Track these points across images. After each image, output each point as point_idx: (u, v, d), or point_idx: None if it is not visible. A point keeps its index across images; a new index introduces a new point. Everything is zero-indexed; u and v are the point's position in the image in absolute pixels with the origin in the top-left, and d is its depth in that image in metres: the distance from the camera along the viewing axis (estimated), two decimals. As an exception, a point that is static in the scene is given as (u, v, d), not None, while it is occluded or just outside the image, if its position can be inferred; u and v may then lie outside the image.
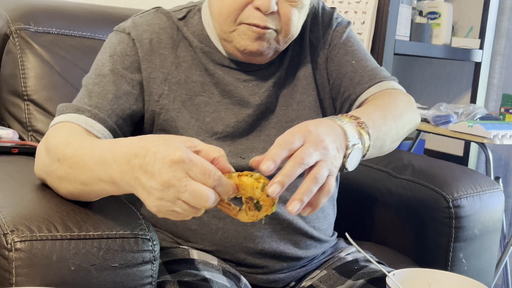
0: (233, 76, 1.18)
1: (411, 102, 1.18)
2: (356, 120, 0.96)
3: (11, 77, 1.49)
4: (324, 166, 0.83)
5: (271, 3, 1.06)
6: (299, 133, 0.84)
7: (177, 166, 0.76)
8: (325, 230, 1.23)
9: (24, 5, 1.57)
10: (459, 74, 2.82)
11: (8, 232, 0.83)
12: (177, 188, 0.75)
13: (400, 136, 1.11)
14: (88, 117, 1.05)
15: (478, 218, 1.44)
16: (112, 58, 1.14)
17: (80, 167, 0.89)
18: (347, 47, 1.23)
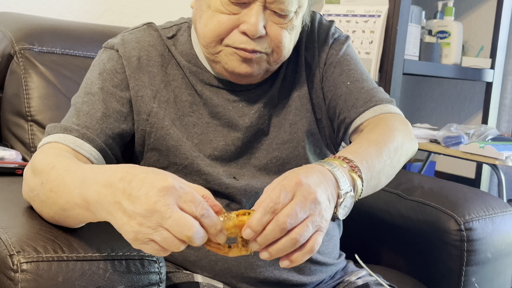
0: (222, 96, 1.16)
1: (408, 130, 1.15)
2: (348, 164, 0.94)
3: (15, 97, 1.52)
4: (309, 225, 0.82)
5: (257, 28, 1.05)
6: (288, 188, 0.82)
7: (167, 192, 0.75)
8: (330, 253, 1.22)
9: (28, 25, 1.60)
10: (470, 94, 2.84)
11: (14, 253, 0.84)
12: (161, 214, 0.74)
13: (396, 170, 1.09)
14: (76, 136, 1.05)
15: (490, 241, 1.44)
16: (101, 76, 1.13)
17: (60, 190, 0.88)
18: (342, 66, 1.21)
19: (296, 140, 1.18)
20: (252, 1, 1.05)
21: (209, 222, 0.77)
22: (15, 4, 1.90)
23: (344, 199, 0.90)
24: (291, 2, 1.06)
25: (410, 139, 1.14)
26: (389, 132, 1.08)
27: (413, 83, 3.01)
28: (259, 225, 0.80)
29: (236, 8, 1.06)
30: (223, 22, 1.06)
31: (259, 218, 0.80)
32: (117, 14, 2.13)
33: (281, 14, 1.07)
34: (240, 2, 1.05)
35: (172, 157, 1.13)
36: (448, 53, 2.48)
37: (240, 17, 1.06)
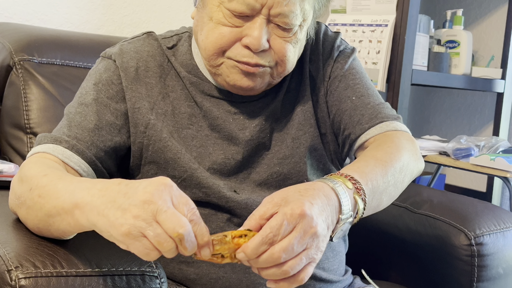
0: (223, 108, 1.16)
1: (415, 149, 1.15)
2: (354, 186, 0.94)
3: (14, 109, 1.53)
4: (303, 258, 0.83)
5: (261, 42, 1.05)
6: (290, 219, 0.82)
7: (165, 187, 0.78)
8: (335, 270, 1.22)
9: (28, 35, 1.61)
10: (480, 105, 2.84)
11: (12, 268, 0.84)
12: (157, 206, 0.76)
13: (399, 191, 1.08)
14: (66, 148, 1.05)
15: (502, 257, 1.44)
16: (96, 86, 1.13)
17: (49, 195, 0.89)
18: (348, 80, 1.21)
19: (298, 156, 1.18)
20: (256, 14, 1.05)
21: (198, 230, 0.78)
22: (14, 14, 1.92)
23: (343, 224, 0.91)
24: (296, 16, 1.06)
25: (416, 158, 1.14)
26: (396, 151, 1.08)
27: (422, 94, 3.01)
28: (253, 254, 0.81)
29: (239, 21, 1.06)
30: (225, 34, 1.06)
31: (255, 247, 0.80)
32: (118, 24, 2.15)
33: (285, 28, 1.07)
34: (243, 15, 1.05)
35: (170, 170, 1.13)
36: (458, 63, 2.49)
37: (243, 30, 1.06)
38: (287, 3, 1.04)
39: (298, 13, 1.06)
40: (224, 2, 1.05)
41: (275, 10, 1.04)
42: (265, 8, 1.04)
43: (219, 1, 1.06)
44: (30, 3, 1.95)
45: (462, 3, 2.86)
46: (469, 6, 2.84)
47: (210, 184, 1.13)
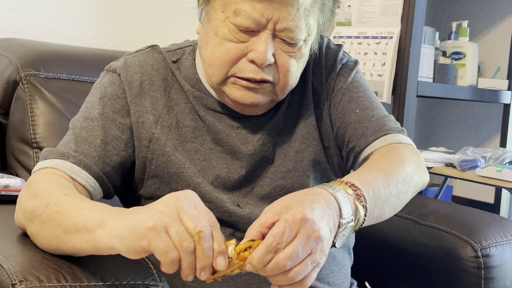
0: (225, 123, 1.16)
1: (420, 162, 1.14)
2: (355, 192, 0.94)
3: (20, 124, 1.53)
4: (309, 264, 0.83)
5: (266, 56, 1.05)
6: (292, 225, 0.82)
7: (191, 195, 0.82)
8: (340, 283, 1.21)
9: (34, 51, 1.62)
10: (487, 116, 2.83)
11: (16, 282, 0.84)
12: (182, 207, 0.79)
13: (402, 203, 1.07)
14: (73, 163, 1.05)
15: (509, 268, 1.43)
16: (102, 100, 1.13)
17: (70, 213, 0.89)
18: (351, 93, 1.21)
19: (301, 169, 1.18)
20: (261, 29, 1.05)
21: (216, 236, 0.80)
22: (21, 30, 1.94)
23: (344, 229, 0.90)
24: (301, 31, 1.06)
25: (421, 171, 1.13)
26: (400, 161, 1.07)
27: (428, 106, 3.01)
28: (260, 263, 0.81)
29: (245, 36, 1.06)
30: (231, 50, 1.06)
31: (260, 257, 0.80)
32: (125, 39, 2.16)
33: (290, 43, 1.07)
34: (249, 30, 1.05)
35: (174, 184, 1.13)
36: (464, 75, 2.49)
37: (248, 45, 1.06)
38: (293, 18, 1.04)
39: (303, 28, 1.06)
40: (229, 17, 1.05)
41: (280, 25, 1.04)
42: (270, 23, 1.04)
43: (224, 16, 1.06)
44: (37, 19, 1.97)
45: (468, 15, 2.87)
46: (475, 18, 2.84)
47: (213, 198, 1.13)
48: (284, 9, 1.03)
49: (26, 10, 1.94)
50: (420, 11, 2.19)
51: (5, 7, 1.90)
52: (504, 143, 2.62)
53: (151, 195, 1.15)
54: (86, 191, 1.06)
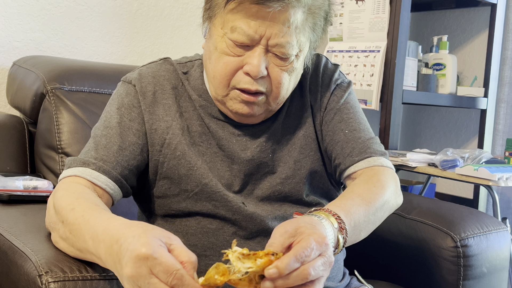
0: (227, 130, 1.16)
1: (397, 187, 1.15)
2: (339, 225, 0.94)
3: (47, 132, 1.54)
4: (321, 281, 0.83)
5: (259, 69, 1.05)
6: (319, 246, 0.82)
7: (141, 262, 0.75)
8: (334, 277, 1.21)
9: (59, 66, 1.63)
10: (466, 121, 2.83)
11: (43, 273, 0.86)
12: (140, 283, 0.75)
13: (375, 226, 1.09)
14: (93, 169, 1.05)
15: (485, 257, 1.43)
16: (119, 110, 1.14)
17: (77, 236, 0.90)
18: (342, 114, 1.20)
19: (298, 177, 1.17)
20: (255, 44, 1.05)
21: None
22: (48, 48, 1.94)
23: None
24: (292, 47, 1.06)
25: (397, 196, 1.15)
26: (381, 190, 1.08)
27: (413, 112, 3.01)
28: (287, 269, 0.78)
29: (240, 50, 1.06)
30: (229, 63, 1.07)
31: (289, 263, 0.79)
32: (140, 55, 2.17)
33: (282, 57, 1.07)
34: (244, 45, 1.05)
35: (183, 184, 1.13)
36: (444, 84, 2.48)
37: (244, 59, 1.06)
38: (284, 34, 1.04)
39: (294, 44, 1.06)
40: (227, 33, 1.06)
41: (272, 41, 1.04)
42: (263, 39, 1.04)
43: (223, 32, 1.07)
44: (62, 38, 1.97)
45: (447, 30, 2.87)
46: (454, 32, 2.84)
47: (220, 197, 1.13)
48: (276, 26, 1.03)
49: (52, 30, 1.95)
50: (404, 27, 2.20)
51: (33, 28, 1.91)
52: (481, 144, 2.61)
53: (162, 194, 1.15)
54: (107, 193, 1.06)
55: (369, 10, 2.25)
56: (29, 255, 0.91)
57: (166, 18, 2.23)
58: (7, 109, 1.87)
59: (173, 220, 1.16)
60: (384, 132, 2.22)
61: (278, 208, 1.16)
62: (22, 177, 1.40)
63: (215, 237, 1.13)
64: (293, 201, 1.18)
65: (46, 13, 1.94)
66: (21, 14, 1.89)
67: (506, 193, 2.60)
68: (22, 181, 1.38)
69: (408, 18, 2.22)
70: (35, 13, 1.92)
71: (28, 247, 0.94)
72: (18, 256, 0.93)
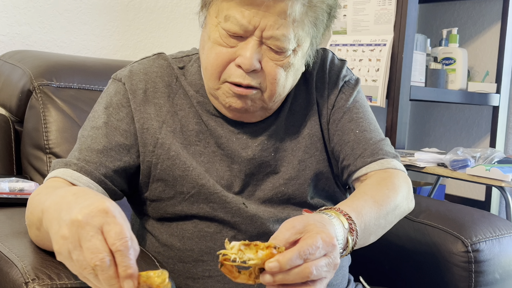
0: (226, 128, 1.16)
1: (409, 190, 1.16)
2: (350, 225, 0.94)
3: (34, 131, 1.54)
4: (323, 282, 0.83)
5: (252, 62, 1.04)
6: (325, 245, 0.82)
7: (98, 213, 0.74)
8: (339, 284, 1.21)
9: (46, 62, 1.63)
10: (477, 118, 2.83)
11: (29, 280, 0.85)
12: (83, 232, 0.74)
13: (385, 231, 1.10)
14: (74, 170, 1.06)
15: (498, 262, 1.43)
16: (107, 110, 1.14)
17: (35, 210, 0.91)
18: (352, 114, 1.20)
19: (303, 178, 1.17)
20: (249, 35, 1.05)
21: (121, 261, 0.74)
22: (35, 42, 1.94)
23: None
24: (288, 40, 1.05)
25: (409, 200, 1.15)
26: (394, 193, 1.09)
27: (421, 109, 3.01)
28: (288, 264, 0.79)
29: (234, 41, 1.06)
30: (220, 54, 1.06)
31: (292, 258, 0.79)
32: (133, 49, 2.17)
33: (277, 51, 1.06)
34: (237, 35, 1.05)
35: (178, 186, 1.13)
36: (454, 79, 2.48)
37: (236, 51, 1.06)
38: (279, 26, 1.03)
39: (291, 38, 1.05)
40: (220, 23, 1.05)
41: (267, 32, 1.04)
42: (257, 30, 1.04)
43: (217, 21, 1.06)
44: (50, 32, 1.97)
45: (457, 22, 2.86)
46: (464, 25, 2.84)
47: (217, 199, 1.12)
48: (271, 17, 1.03)
49: (39, 23, 1.95)
50: (412, 19, 2.19)
51: (19, 21, 1.91)
52: (494, 143, 2.61)
53: (156, 197, 1.15)
54: None
55: (375, 1, 2.25)
56: (15, 261, 0.91)
57: (160, 10, 2.22)
58: (-8, 107, 1.87)
59: (169, 223, 1.16)
60: (391, 131, 2.22)
61: (281, 210, 1.16)
62: (8, 179, 1.40)
63: (213, 241, 1.13)
64: (296, 204, 1.18)
65: (33, 5, 1.93)
66: (7, 6, 1.89)
67: (519, 194, 2.60)
68: (8, 183, 1.37)
69: (416, 9, 2.21)
70: (22, 5, 1.91)
71: (14, 252, 0.94)
72: (3, 262, 0.92)
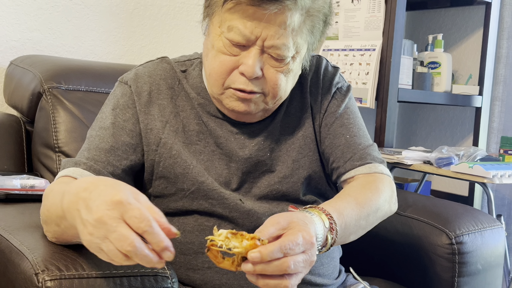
0: (225, 128, 1.16)
1: (392, 193, 1.17)
2: (330, 225, 0.96)
3: (44, 131, 1.54)
4: (298, 276, 0.84)
5: (254, 70, 1.04)
6: (305, 244, 0.84)
7: (114, 205, 0.74)
8: (330, 274, 1.21)
9: (55, 66, 1.63)
10: (461, 119, 2.83)
11: (39, 271, 0.85)
12: (107, 227, 0.73)
13: (365, 231, 1.10)
14: (84, 169, 1.05)
15: (480, 254, 1.43)
16: (114, 111, 1.14)
17: (52, 207, 0.90)
18: (343, 119, 1.21)
19: (297, 176, 1.18)
20: (251, 44, 1.05)
21: (151, 239, 0.74)
22: (45, 47, 1.94)
23: None
24: (288, 48, 1.05)
25: (391, 203, 1.16)
26: (376, 196, 1.10)
27: (408, 110, 3.01)
28: (269, 256, 0.80)
29: (237, 50, 1.06)
30: (225, 62, 1.06)
31: (273, 251, 0.81)
32: (137, 54, 2.16)
33: (278, 59, 1.06)
34: (240, 45, 1.05)
35: (179, 183, 1.13)
36: (439, 82, 2.48)
37: (239, 59, 1.06)
38: (279, 36, 1.03)
39: (290, 46, 1.05)
40: (224, 32, 1.05)
41: (268, 42, 1.04)
42: (259, 40, 1.04)
43: (220, 31, 1.06)
44: (59, 37, 1.97)
45: (442, 28, 2.87)
46: (449, 31, 2.84)
47: (216, 195, 1.12)
48: (272, 28, 1.03)
49: (49, 30, 1.95)
50: (400, 25, 2.19)
51: (30, 27, 1.91)
52: (476, 142, 2.61)
53: (159, 194, 1.15)
54: None
55: (365, 9, 2.25)
56: (26, 253, 0.90)
57: (163, 17, 2.22)
58: (5, 108, 1.87)
59: (171, 218, 1.16)
60: (380, 130, 2.22)
61: (275, 206, 1.16)
62: (19, 176, 1.40)
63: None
64: (290, 200, 1.18)
65: (43, 12, 1.93)
66: (18, 14, 1.89)
67: (500, 190, 2.60)
68: (20, 180, 1.37)
69: (404, 16, 2.21)
70: (32, 12, 1.91)
71: (25, 245, 0.94)
72: (15, 254, 0.92)
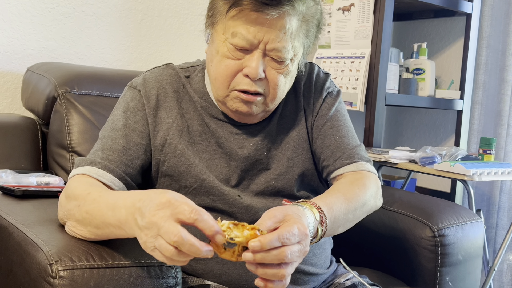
0: (226, 129, 1.16)
1: (378, 191, 1.18)
2: (321, 218, 0.97)
3: (58, 132, 1.54)
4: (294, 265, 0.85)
5: (258, 71, 1.05)
6: (300, 234, 0.84)
7: (163, 206, 0.78)
8: (322, 264, 1.21)
9: (69, 72, 1.63)
10: (444, 121, 2.83)
11: (53, 262, 0.85)
12: (158, 225, 0.77)
13: (353, 224, 1.11)
14: (99, 168, 1.05)
15: (461, 246, 1.44)
16: (125, 114, 1.14)
17: (95, 213, 0.91)
18: (333, 121, 1.22)
19: (291, 174, 1.18)
20: (254, 48, 1.06)
21: (203, 225, 0.78)
22: (59, 55, 1.94)
23: None
24: (288, 51, 1.07)
25: (376, 199, 1.18)
26: (363, 192, 1.11)
27: (395, 113, 3.01)
28: (268, 244, 0.81)
29: (240, 54, 1.06)
30: (229, 66, 1.07)
31: (272, 240, 0.81)
32: (145, 61, 2.16)
33: (278, 61, 1.07)
34: (244, 49, 1.06)
35: (183, 181, 1.13)
36: (424, 87, 2.48)
37: (243, 62, 1.07)
38: (280, 40, 1.05)
39: (289, 49, 1.07)
40: (228, 38, 1.06)
41: (270, 45, 1.05)
42: (261, 43, 1.05)
43: (224, 37, 1.07)
44: (72, 46, 1.97)
45: (427, 37, 2.87)
46: (432, 40, 2.84)
47: (216, 192, 1.13)
48: (273, 32, 1.04)
49: (63, 39, 1.95)
50: (387, 35, 2.19)
51: (46, 36, 1.91)
52: (458, 143, 2.61)
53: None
54: (112, 189, 1.06)
55: (355, 19, 2.25)
56: (41, 245, 0.91)
57: (169, 27, 2.22)
58: (22, 112, 1.86)
59: None
60: (369, 132, 2.22)
61: (271, 201, 1.16)
62: (35, 174, 1.40)
63: None
64: (285, 196, 1.18)
65: (58, 23, 1.93)
66: (35, 24, 1.88)
67: (480, 187, 2.60)
68: (35, 178, 1.37)
69: (391, 27, 2.21)
70: (48, 23, 1.91)
71: (40, 238, 0.94)
72: (30, 246, 0.92)
